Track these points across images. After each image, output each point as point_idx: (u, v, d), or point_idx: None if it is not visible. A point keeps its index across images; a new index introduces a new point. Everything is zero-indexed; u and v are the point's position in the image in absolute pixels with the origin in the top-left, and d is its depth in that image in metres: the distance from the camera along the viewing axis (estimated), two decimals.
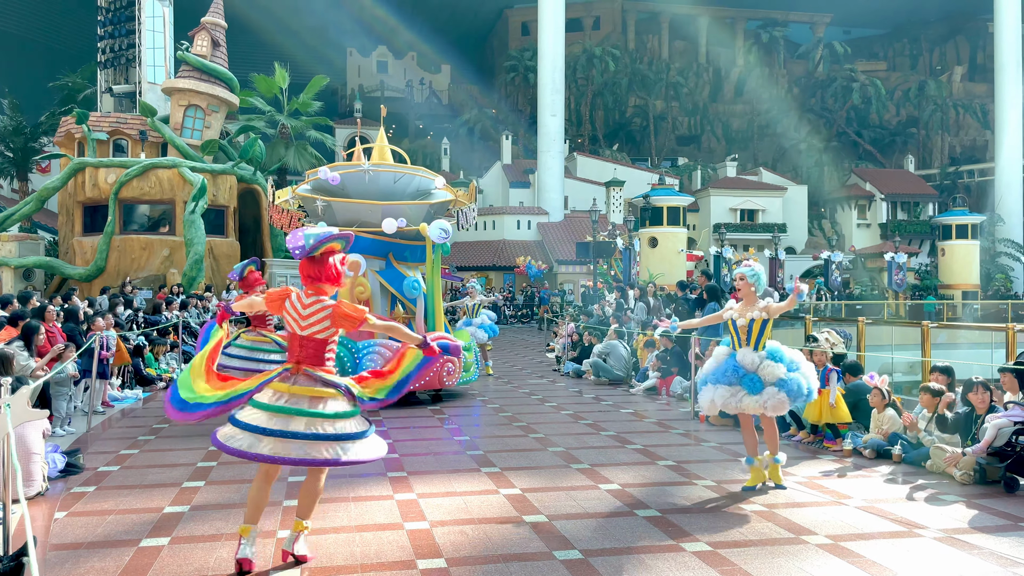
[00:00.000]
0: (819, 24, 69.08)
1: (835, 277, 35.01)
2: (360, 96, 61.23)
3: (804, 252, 47.37)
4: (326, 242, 4.50)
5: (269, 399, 4.39)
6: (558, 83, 45.83)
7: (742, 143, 63.42)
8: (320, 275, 4.53)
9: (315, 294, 4.52)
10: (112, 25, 29.08)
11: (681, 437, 8.77)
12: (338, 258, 4.60)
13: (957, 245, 41.16)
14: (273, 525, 5.36)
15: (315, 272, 4.53)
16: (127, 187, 23.47)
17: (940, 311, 31.55)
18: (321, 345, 4.50)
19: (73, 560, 4.69)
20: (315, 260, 4.53)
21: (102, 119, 25.66)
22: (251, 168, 26.72)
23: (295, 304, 4.49)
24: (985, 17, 57.99)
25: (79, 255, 23.75)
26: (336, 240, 4.56)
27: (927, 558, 4.74)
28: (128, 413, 10.54)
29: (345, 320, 4.42)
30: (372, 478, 6.70)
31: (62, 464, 6.75)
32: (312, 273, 4.54)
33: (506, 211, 44.71)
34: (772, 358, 6.19)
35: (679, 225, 33.82)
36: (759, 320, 6.23)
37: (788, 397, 6.12)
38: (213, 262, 24.49)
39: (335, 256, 4.58)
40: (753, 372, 6.18)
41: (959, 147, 61.91)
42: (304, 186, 12.39)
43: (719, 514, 5.64)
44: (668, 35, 68.69)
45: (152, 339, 13.80)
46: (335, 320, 4.43)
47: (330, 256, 4.56)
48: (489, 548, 4.87)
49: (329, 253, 4.56)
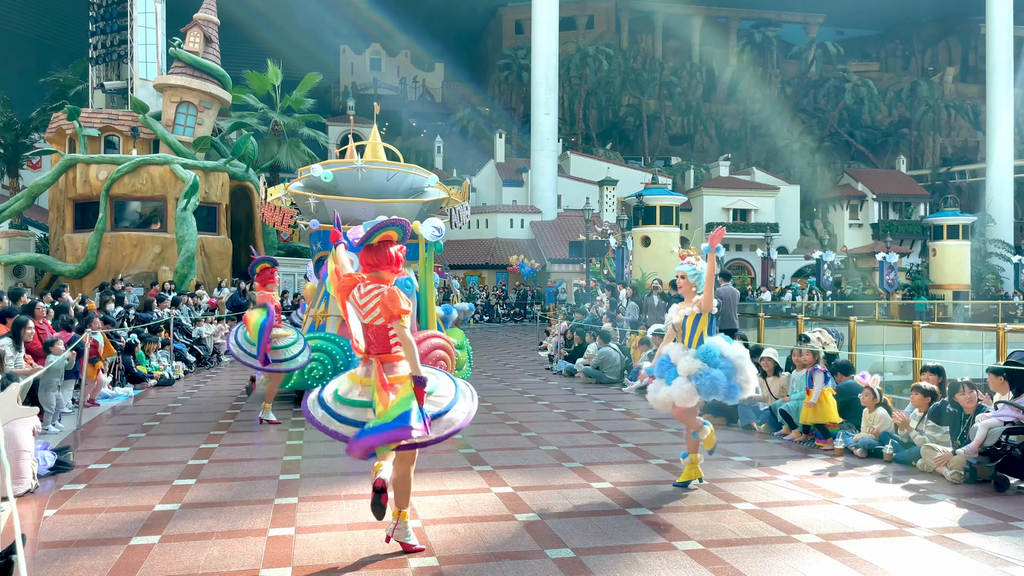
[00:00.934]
0: (812, 25, 69.24)
1: (827, 277, 35.16)
2: (353, 94, 61.14)
3: (796, 252, 47.52)
4: (383, 229, 4.54)
5: (346, 392, 4.50)
6: (551, 82, 45.83)
7: (735, 143, 63.57)
8: (379, 262, 4.55)
9: (374, 281, 4.55)
10: (104, 21, 28.94)
11: (673, 436, 8.78)
12: (396, 248, 4.60)
13: (948, 245, 41.34)
14: (264, 523, 5.34)
15: (374, 259, 4.56)
16: (118, 184, 23.37)
17: (931, 311, 31.67)
18: (384, 332, 4.51)
19: (63, 558, 4.67)
20: (373, 248, 4.56)
21: (93, 115, 25.55)
22: (243, 165, 26.64)
23: (357, 294, 4.56)
24: (977, 18, 58.23)
25: (70, 252, 23.64)
26: (392, 228, 4.57)
27: (918, 557, 4.76)
28: (119, 411, 10.50)
29: (384, 307, 4.42)
30: (365, 476, 6.68)
31: (52, 462, 6.71)
32: (371, 261, 4.56)
33: (499, 210, 44.70)
34: (703, 354, 6.14)
35: (672, 224, 33.86)
36: (691, 316, 6.23)
37: (697, 390, 6.08)
38: (205, 259, 24.42)
39: (395, 246, 4.60)
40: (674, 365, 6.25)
41: (951, 148, 62.20)
42: (297, 183, 12.35)
43: (711, 513, 5.65)
44: (662, 34, 68.77)
45: (143, 336, 13.74)
46: (380, 305, 4.44)
47: (389, 243, 4.58)
48: (481, 546, 4.86)
49: (387, 240, 4.58)
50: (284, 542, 4.95)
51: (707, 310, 6.16)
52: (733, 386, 6.12)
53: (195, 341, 16.30)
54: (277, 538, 5.03)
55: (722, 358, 6.13)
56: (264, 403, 9.38)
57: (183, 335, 16.01)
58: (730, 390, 6.12)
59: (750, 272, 45.16)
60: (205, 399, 11.67)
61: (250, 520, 5.41)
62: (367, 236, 4.52)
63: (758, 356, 9.68)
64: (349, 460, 7.36)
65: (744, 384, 6.18)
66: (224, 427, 9.14)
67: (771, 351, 9.54)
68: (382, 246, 4.57)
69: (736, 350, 6.25)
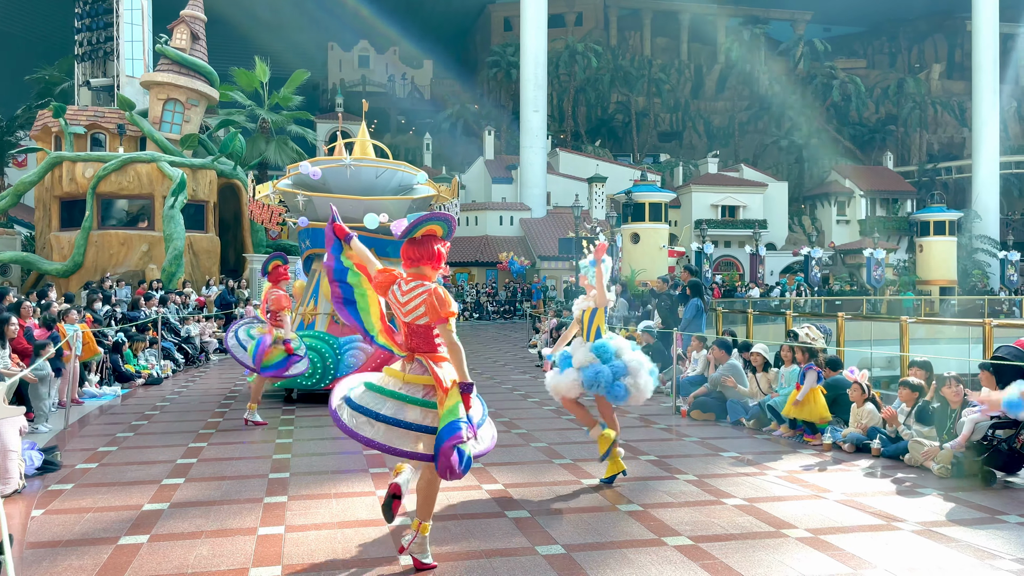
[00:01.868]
0: (800, 22, 69.50)
1: (815, 273, 35.32)
2: (341, 91, 60.90)
3: (784, 248, 47.72)
4: (426, 222, 4.40)
5: (383, 383, 4.38)
6: (540, 79, 45.82)
7: (723, 139, 63.76)
8: (421, 256, 4.40)
9: (415, 278, 4.40)
10: (90, 18, 28.75)
11: (663, 432, 8.81)
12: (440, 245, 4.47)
13: (935, 241, 41.62)
14: (254, 522, 5.32)
15: (415, 253, 4.41)
16: (105, 182, 23.22)
17: (918, 307, 31.87)
18: (427, 331, 4.36)
19: (50, 558, 4.64)
20: (416, 241, 4.42)
21: (79, 113, 25.36)
22: (231, 163, 26.52)
23: (397, 290, 4.41)
24: (963, 15, 58.55)
25: (56, 250, 23.48)
26: (437, 222, 4.42)
27: (906, 551, 4.79)
28: (106, 410, 10.44)
29: (432, 309, 4.26)
30: (354, 474, 6.68)
31: (39, 461, 6.66)
32: (412, 255, 4.42)
33: (489, 207, 44.68)
34: (596, 349, 6.29)
35: (661, 221, 33.94)
36: (588, 310, 6.44)
37: (582, 382, 6.23)
38: (193, 257, 24.30)
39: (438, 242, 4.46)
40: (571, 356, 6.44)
41: (937, 144, 62.57)
42: (285, 181, 12.31)
43: (700, 508, 5.67)
44: (650, 31, 68.89)
45: (131, 335, 13.67)
46: (426, 307, 4.28)
47: (432, 238, 4.43)
48: (472, 544, 4.86)
49: (431, 235, 4.43)
50: (274, 541, 4.94)
51: (602, 305, 6.36)
52: (618, 385, 6.23)
53: (183, 340, 16.22)
54: (267, 537, 5.01)
55: (617, 358, 6.29)
56: (249, 403, 9.27)
57: (171, 334, 15.93)
58: (613, 388, 6.22)
59: (739, 268, 45.31)
60: (194, 398, 11.62)
61: (239, 519, 5.39)
62: (410, 228, 4.39)
63: (748, 351, 9.73)
64: (339, 458, 7.36)
65: (633, 389, 6.29)
66: (213, 426, 9.11)
67: (761, 347, 9.58)
68: (425, 240, 4.41)
69: (637, 356, 6.41)
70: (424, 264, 4.42)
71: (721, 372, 9.59)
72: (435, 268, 4.46)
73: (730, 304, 23.00)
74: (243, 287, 22.94)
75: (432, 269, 4.45)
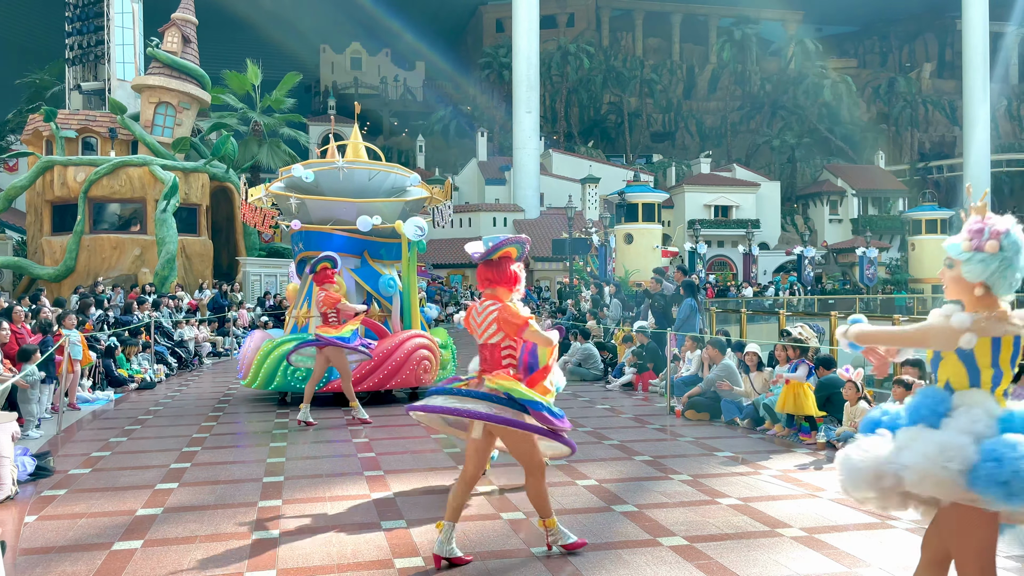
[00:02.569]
0: (791, 22, 69.72)
1: (808, 272, 35.42)
2: (334, 93, 60.86)
3: (777, 247, 47.84)
4: (504, 246, 4.47)
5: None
6: (533, 80, 45.85)
7: (716, 139, 63.90)
8: (497, 278, 4.49)
9: (489, 298, 4.50)
10: (80, 21, 28.64)
11: (657, 432, 8.82)
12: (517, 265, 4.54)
13: (927, 240, 41.77)
14: (248, 527, 5.30)
15: (492, 275, 4.49)
16: (97, 185, 23.13)
17: (911, 305, 32.00)
18: (495, 350, 4.47)
19: (44, 564, 4.62)
20: (492, 263, 4.49)
21: (71, 117, 25.26)
22: (223, 166, 26.45)
23: (475, 314, 4.52)
24: (953, 14, 58.85)
25: (48, 255, 23.38)
26: (514, 245, 4.50)
27: (900, 548, 4.80)
28: (99, 415, 10.40)
29: (506, 324, 4.36)
30: (349, 477, 6.67)
31: (32, 467, 6.63)
32: (489, 276, 4.50)
33: (482, 208, 44.68)
34: None
35: (654, 221, 34.00)
36: None
37: None
38: (185, 261, 24.23)
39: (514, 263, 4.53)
40: None
41: (928, 143, 62.83)
42: (278, 184, 12.28)
43: (695, 508, 5.68)
44: (642, 32, 69.04)
45: (124, 340, 13.62)
46: (499, 324, 4.39)
47: (507, 259, 4.51)
48: (468, 545, 4.86)
49: (507, 257, 4.51)
50: (268, 545, 4.92)
51: None
52: None
53: (176, 343, 16.17)
54: (261, 541, 5.00)
55: None
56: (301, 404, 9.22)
57: (164, 337, 15.88)
58: None
59: (732, 268, 45.38)
60: (187, 402, 11.59)
61: (234, 523, 5.37)
62: (488, 252, 4.45)
63: (742, 351, 9.74)
64: (333, 461, 7.34)
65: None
66: (207, 430, 9.08)
67: (754, 346, 9.60)
68: (502, 262, 4.49)
69: None
70: (499, 286, 4.50)
71: (716, 373, 9.60)
72: (509, 289, 4.52)
73: (723, 304, 23.06)
74: (236, 290, 22.89)
75: (506, 291, 4.51)
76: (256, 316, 21.21)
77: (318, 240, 11.18)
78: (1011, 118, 63.04)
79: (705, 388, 9.65)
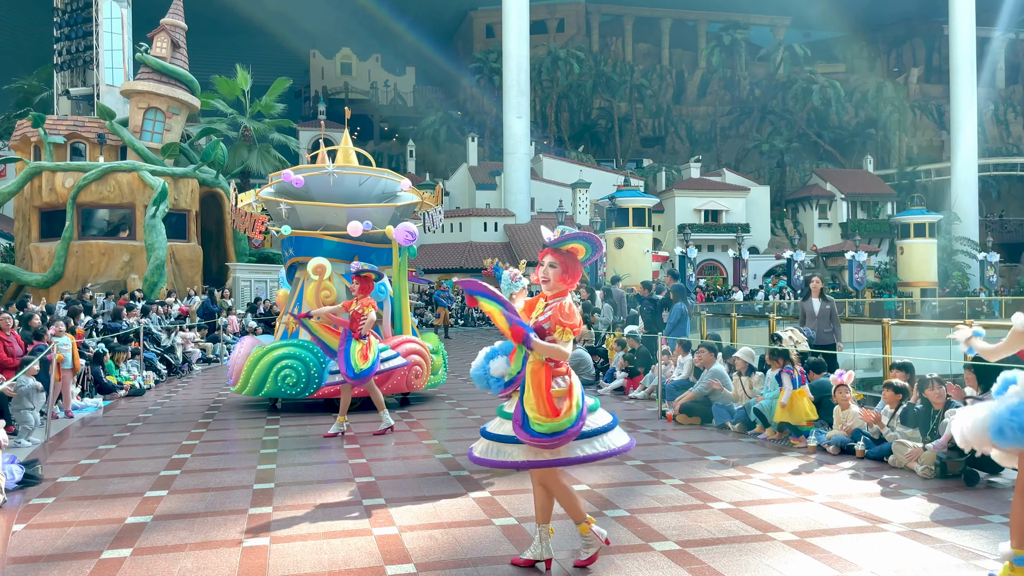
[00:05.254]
0: (779, 27, 70.12)
1: (798, 276, 35.57)
2: (324, 98, 60.83)
3: (767, 252, 48.04)
4: (577, 239, 4.36)
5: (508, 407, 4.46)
6: (523, 85, 45.92)
7: (705, 144, 64.15)
8: (565, 269, 4.37)
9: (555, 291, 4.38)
10: (69, 27, 28.53)
11: (649, 436, 8.82)
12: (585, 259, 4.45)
13: (915, 244, 42.03)
14: (238, 534, 5.27)
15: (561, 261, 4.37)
16: (85, 191, 23.03)
17: (900, 309, 32.15)
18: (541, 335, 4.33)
19: (32, 573, 4.58)
20: (561, 252, 4.37)
21: (59, 122, 25.16)
22: (213, 171, 26.37)
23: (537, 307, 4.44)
24: (940, 20, 59.31)
25: (36, 261, 23.25)
26: (582, 241, 4.38)
27: (891, 552, 4.81)
28: (88, 422, 10.33)
29: (555, 320, 4.25)
30: (340, 484, 6.64)
31: (20, 475, 6.58)
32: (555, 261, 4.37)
33: (473, 213, 44.69)
34: None
35: (644, 226, 34.08)
36: None
37: None
38: (175, 267, 24.13)
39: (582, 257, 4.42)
40: None
41: (916, 147, 63.24)
42: (268, 189, 12.24)
43: (687, 513, 5.68)
44: (632, 37, 69.26)
45: (113, 346, 13.54)
46: (552, 319, 4.27)
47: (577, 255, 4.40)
48: (459, 552, 4.84)
49: (573, 252, 4.39)
50: (259, 552, 4.90)
51: None
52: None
53: (166, 350, 16.09)
54: (252, 548, 4.97)
55: None
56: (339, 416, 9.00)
57: (153, 344, 15.80)
58: None
59: (722, 272, 45.54)
60: (177, 409, 11.53)
61: (224, 531, 5.34)
62: (559, 240, 4.34)
63: (731, 355, 9.76)
64: (324, 468, 7.31)
65: None
66: (197, 436, 9.03)
67: (744, 350, 9.61)
68: (572, 255, 4.38)
69: None
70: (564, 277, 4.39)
71: (707, 378, 9.61)
72: (569, 285, 4.41)
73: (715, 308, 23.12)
74: (226, 296, 22.80)
75: (568, 285, 4.41)
76: (246, 322, 21.13)
77: (308, 245, 11.14)
78: (998, 122, 63.52)
79: (698, 395, 9.65)
